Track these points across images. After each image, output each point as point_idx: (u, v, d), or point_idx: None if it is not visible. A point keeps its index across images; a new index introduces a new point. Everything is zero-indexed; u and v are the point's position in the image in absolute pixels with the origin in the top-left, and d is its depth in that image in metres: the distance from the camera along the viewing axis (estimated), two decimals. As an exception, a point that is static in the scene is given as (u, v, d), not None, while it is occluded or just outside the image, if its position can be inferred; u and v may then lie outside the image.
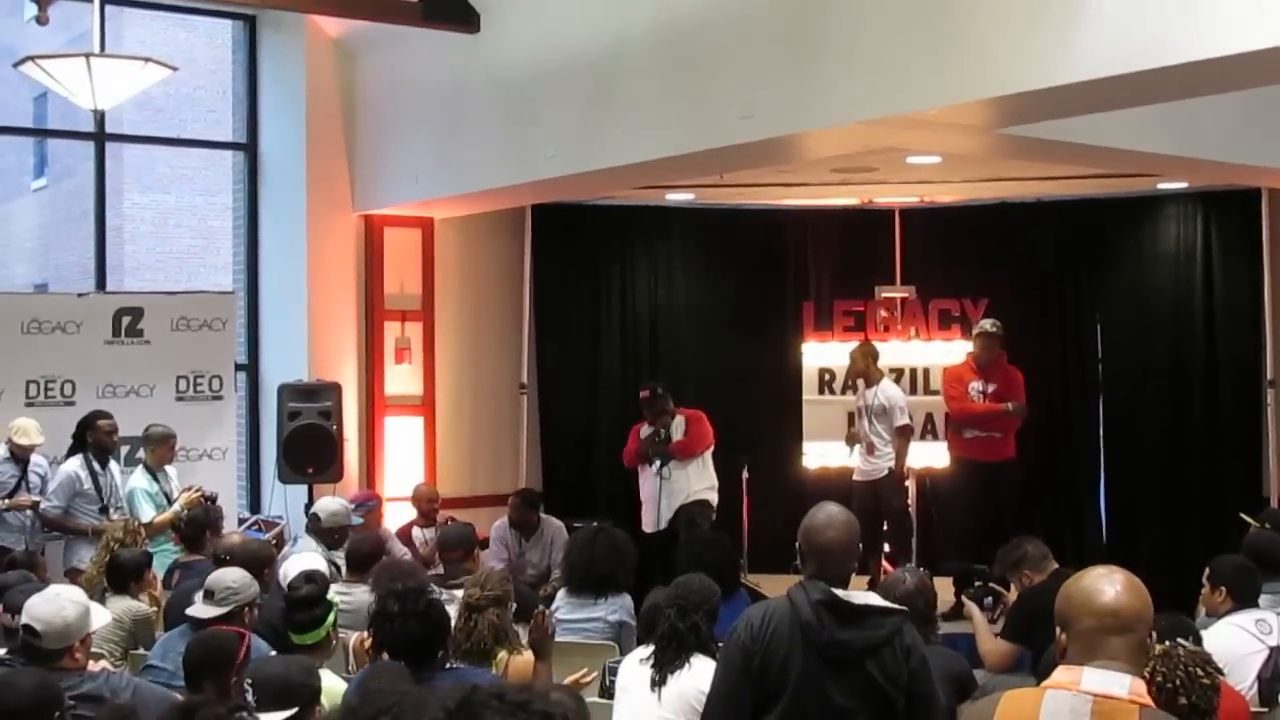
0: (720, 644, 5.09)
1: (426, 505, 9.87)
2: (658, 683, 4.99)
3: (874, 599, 4.13)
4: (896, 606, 4.18)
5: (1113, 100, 6.94)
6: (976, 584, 7.46)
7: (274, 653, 4.99)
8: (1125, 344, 12.07)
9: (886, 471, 10.30)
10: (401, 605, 4.73)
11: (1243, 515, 8.49)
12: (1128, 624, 3.09)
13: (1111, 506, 12.04)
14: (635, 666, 5.14)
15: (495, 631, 5.38)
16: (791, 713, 3.98)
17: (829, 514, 4.18)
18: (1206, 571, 6.07)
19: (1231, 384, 11.51)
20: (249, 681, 4.08)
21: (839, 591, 4.02)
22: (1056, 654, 3.17)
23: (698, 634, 5.06)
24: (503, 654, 5.39)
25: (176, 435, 9.26)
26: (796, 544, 4.18)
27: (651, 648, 5.13)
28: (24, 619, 4.83)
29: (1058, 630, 3.17)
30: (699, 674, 4.89)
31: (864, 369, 10.49)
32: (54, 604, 4.92)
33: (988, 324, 10.40)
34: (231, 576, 5.68)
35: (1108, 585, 3.12)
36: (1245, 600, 5.86)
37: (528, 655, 5.45)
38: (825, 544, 4.10)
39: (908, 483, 11.01)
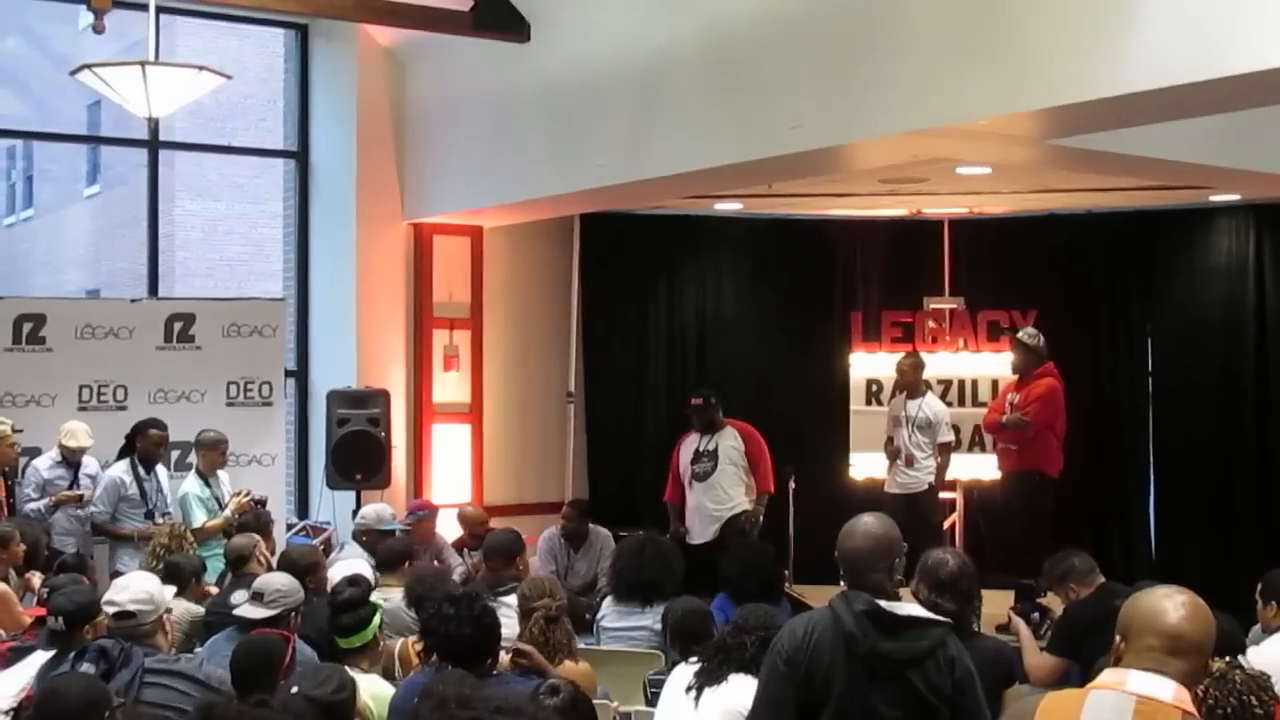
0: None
1: (479, 528, 9.37)
2: (696, 691, 4.98)
3: (918, 610, 4.09)
4: (940, 619, 4.14)
5: (1166, 111, 6.89)
6: (1023, 599, 7.40)
7: (317, 659, 5.02)
8: (1176, 357, 11.97)
9: (926, 486, 10.21)
10: (456, 610, 4.75)
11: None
12: (1186, 650, 3.08)
13: (1161, 520, 11.94)
14: (681, 672, 5.13)
15: (570, 640, 5.45)
16: None
17: (853, 523, 4.15)
18: (1259, 586, 6.01)
19: (1283, 397, 11.40)
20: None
21: (882, 602, 4.00)
22: (1111, 661, 3.15)
23: (743, 651, 5.04)
24: (566, 663, 5.42)
25: (228, 440, 9.28)
26: (835, 554, 4.16)
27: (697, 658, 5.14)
28: (112, 608, 4.88)
29: (1117, 638, 3.15)
30: (735, 689, 4.87)
31: (914, 380, 10.44)
32: (136, 581, 5.09)
33: (1019, 332, 10.28)
34: (280, 580, 5.75)
35: (1175, 608, 3.11)
36: (1297, 616, 5.81)
37: (584, 665, 5.47)
38: (846, 552, 4.08)
39: (955, 495, 10.93)
